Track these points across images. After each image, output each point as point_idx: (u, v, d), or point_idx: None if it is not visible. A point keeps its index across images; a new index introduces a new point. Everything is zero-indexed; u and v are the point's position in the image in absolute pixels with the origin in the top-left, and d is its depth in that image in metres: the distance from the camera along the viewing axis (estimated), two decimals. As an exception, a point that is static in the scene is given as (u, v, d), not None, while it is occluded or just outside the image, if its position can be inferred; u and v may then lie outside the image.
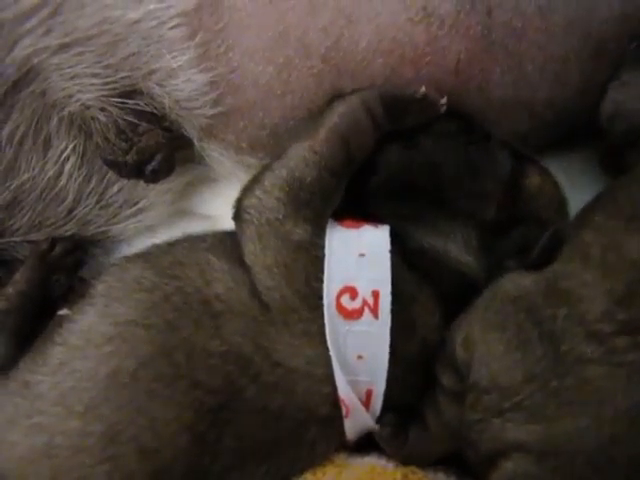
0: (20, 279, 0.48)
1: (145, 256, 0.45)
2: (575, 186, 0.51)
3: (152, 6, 0.42)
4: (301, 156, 0.43)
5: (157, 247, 0.46)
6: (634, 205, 0.43)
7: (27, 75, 0.45)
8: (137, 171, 0.47)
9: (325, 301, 0.41)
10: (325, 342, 0.41)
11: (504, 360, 0.40)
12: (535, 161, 0.50)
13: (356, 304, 0.41)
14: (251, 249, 0.43)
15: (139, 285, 0.43)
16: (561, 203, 0.49)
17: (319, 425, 0.42)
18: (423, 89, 0.44)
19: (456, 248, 0.46)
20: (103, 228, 0.52)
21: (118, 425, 0.39)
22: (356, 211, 0.46)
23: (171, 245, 0.46)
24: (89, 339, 0.41)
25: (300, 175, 0.43)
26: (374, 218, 0.46)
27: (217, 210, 0.54)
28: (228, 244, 0.45)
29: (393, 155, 0.46)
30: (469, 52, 0.44)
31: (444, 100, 0.44)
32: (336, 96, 0.45)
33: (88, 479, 0.39)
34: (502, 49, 0.44)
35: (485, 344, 0.40)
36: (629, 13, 0.46)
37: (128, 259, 0.46)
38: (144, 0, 0.42)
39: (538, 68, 0.46)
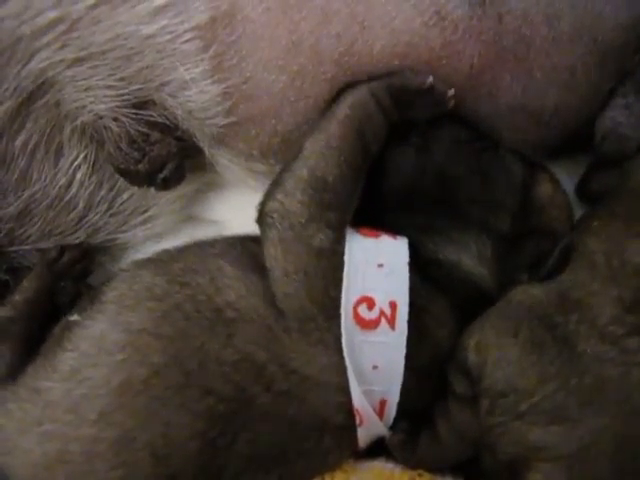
0: (28, 286, 0.49)
1: (155, 262, 0.47)
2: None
3: (166, 21, 0.44)
4: (319, 153, 0.44)
5: (167, 253, 0.48)
6: (630, 211, 0.47)
7: (42, 87, 0.46)
8: (149, 180, 0.49)
9: (343, 311, 0.42)
10: (340, 351, 0.42)
11: (519, 363, 0.42)
12: (545, 169, 0.52)
13: (373, 314, 0.43)
14: (272, 253, 0.44)
15: (150, 293, 0.44)
16: (570, 212, 0.51)
17: (332, 434, 0.44)
18: (430, 79, 0.45)
19: (470, 260, 0.47)
20: (112, 235, 0.54)
21: (131, 432, 0.41)
22: (371, 221, 0.48)
23: (181, 251, 0.47)
24: (101, 346, 0.43)
25: (322, 174, 0.43)
26: (388, 229, 0.47)
27: (224, 216, 0.57)
28: (239, 249, 0.46)
29: (406, 162, 0.48)
30: (482, 57, 0.46)
31: (452, 92, 0.46)
32: (344, 88, 0.46)
33: None
34: (512, 56, 0.46)
35: (499, 348, 0.43)
36: (635, 22, 0.47)
37: (138, 265, 0.47)
38: (158, 15, 0.44)
39: (546, 75, 0.47)
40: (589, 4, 0.46)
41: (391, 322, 0.43)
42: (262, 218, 0.45)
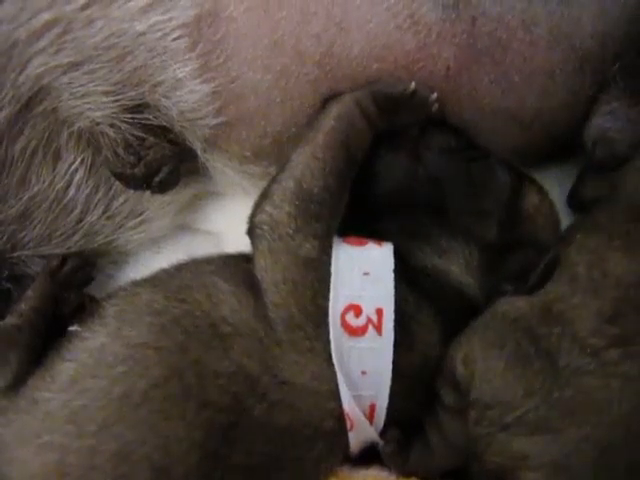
0: (32, 295, 0.50)
1: (154, 280, 0.48)
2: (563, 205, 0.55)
3: (156, 18, 0.46)
4: (305, 164, 0.46)
5: (165, 271, 0.49)
6: (614, 223, 0.48)
7: (39, 94, 0.48)
8: (145, 183, 0.51)
9: (331, 319, 0.44)
10: (330, 358, 0.44)
11: (504, 376, 0.43)
12: (533, 180, 0.53)
13: (360, 321, 0.44)
14: (262, 264, 0.45)
15: (150, 309, 0.45)
16: (556, 223, 0.53)
17: (324, 439, 0.45)
18: (413, 85, 0.47)
19: (457, 269, 0.49)
20: (109, 238, 0.56)
21: (131, 444, 0.42)
22: (361, 228, 0.49)
23: (178, 269, 0.49)
24: (101, 359, 0.44)
25: (308, 186, 0.45)
26: (378, 236, 0.49)
27: (220, 226, 0.59)
28: (233, 267, 0.47)
29: (394, 168, 0.49)
30: (457, 60, 0.47)
31: (434, 96, 0.47)
32: (330, 98, 0.48)
33: None
34: (489, 59, 0.48)
35: (485, 361, 0.44)
36: (612, 31, 0.49)
37: (137, 284, 0.49)
38: (148, 12, 0.46)
39: (524, 79, 0.49)
40: (566, 11, 0.47)
41: (378, 328, 0.44)
42: (252, 230, 0.46)
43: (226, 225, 0.58)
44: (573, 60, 0.49)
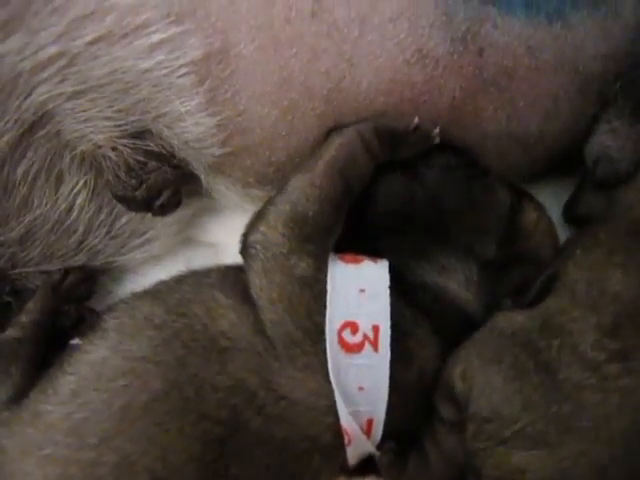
0: (33, 308, 0.51)
1: (154, 293, 0.49)
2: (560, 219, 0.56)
3: (162, 57, 0.46)
4: (302, 190, 0.47)
5: (165, 284, 0.50)
6: (613, 239, 0.48)
7: (42, 118, 0.49)
8: (146, 206, 0.52)
9: (327, 336, 0.44)
10: (327, 375, 0.44)
11: (503, 390, 0.44)
12: (531, 197, 0.54)
13: (357, 338, 0.45)
14: (257, 283, 0.46)
15: (149, 322, 0.46)
16: (554, 239, 0.53)
17: (322, 454, 0.46)
18: (416, 120, 0.47)
19: (456, 285, 0.50)
20: (112, 258, 0.56)
21: (131, 456, 0.43)
22: (359, 245, 0.50)
23: (178, 282, 0.50)
24: (102, 372, 0.45)
25: (303, 210, 0.46)
26: (376, 253, 0.50)
27: (221, 238, 0.59)
28: (231, 279, 0.48)
29: (395, 186, 0.50)
30: (463, 90, 0.48)
31: (437, 130, 0.48)
32: (333, 129, 0.49)
33: None
34: (494, 87, 0.48)
35: (484, 376, 0.45)
36: (614, 51, 0.49)
37: (137, 296, 0.50)
38: (154, 51, 0.46)
39: (529, 104, 0.49)
40: (570, 34, 0.48)
41: (374, 345, 0.45)
42: (245, 249, 0.47)
43: (225, 236, 0.58)
44: (576, 82, 0.50)
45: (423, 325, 0.48)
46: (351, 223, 0.49)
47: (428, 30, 0.46)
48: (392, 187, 0.50)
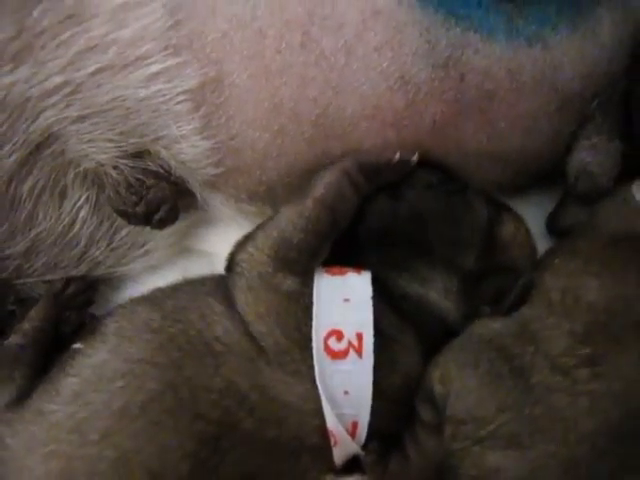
0: (35, 315, 0.53)
1: (151, 300, 0.51)
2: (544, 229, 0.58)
3: (160, 86, 0.49)
4: (291, 219, 0.49)
5: (162, 291, 0.52)
6: (591, 250, 0.50)
7: (48, 139, 0.52)
8: (145, 220, 0.55)
9: (314, 344, 0.47)
10: (314, 380, 0.47)
11: (478, 393, 0.46)
12: (509, 209, 0.57)
13: (342, 346, 0.48)
14: (243, 299, 0.49)
15: (147, 327, 0.49)
16: (532, 250, 0.56)
17: (310, 454, 0.48)
18: (397, 155, 0.50)
19: (436, 295, 0.52)
20: (113, 269, 0.59)
21: (129, 452, 0.45)
22: (345, 258, 0.53)
23: (174, 290, 0.52)
24: (102, 374, 0.47)
25: (289, 236, 0.49)
26: (360, 265, 0.52)
27: (215, 249, 0.62)
28: (225, 287, 0.51)
29: (381, 206, 0.53)
30: (444, 114, 0.50)
31: (415, 157, 0.51)
32: (322, 168, 0.51)
33: None
34: (475, 109, 0.50)
35: (460, 380, 0.46)
36: (591, 71, 0.51)
37: (136, 302, 0.52)
38: (153, 80, 0.49)
39: (509, 123, 0.51)
40: (549, 56, 0.50)
41: (359, 351, 0.48)
42: (231, 266, 0.51)
43: (220, 247, 0.59)
44: (555, 102, 0.51)
45: (407, 333, 0.51)
46: (338, 240, 0.52)
47: (411, 58, 0.48)
48: (378, 207, 0.53)
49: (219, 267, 0.56)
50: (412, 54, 0.48)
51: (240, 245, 0.51)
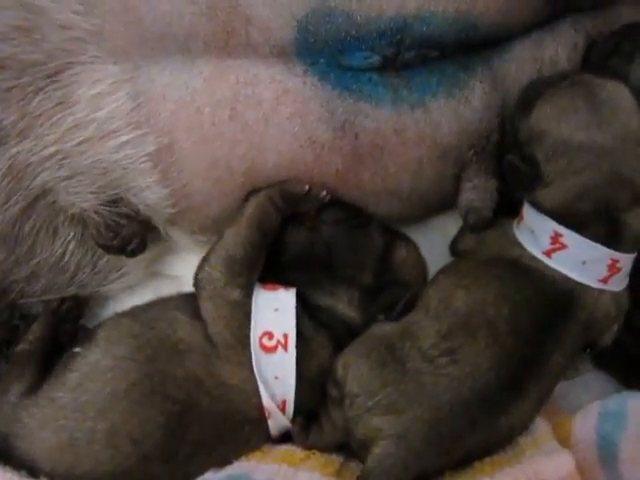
0: (37, 328, 0.62)
1: (132, 313, 0.61)
2: (435, 251, 0.66)
3: (128, 151, 0.57)
4: (231, 238, 0.59)
5: (139, 307, 0.62)
6: (467, 268, 0.59)
7: (44, 192, 0.60)
8: (120, 251, 0.63)
9: (252, 342, 0.57)
10: (252, 368, 0.56)
11: (368, 374, 0.55)
12: (404, 237, 0.66)
13: (272, 343, 0.57)
14: (205, 307, 0.59)
15: (129, 333, 0.58)
16: (422, 268, 0.65)
17: (250, 424, 0.58)
18: (307, 187, 0.59)
19: (343, 306, 0.62)
20: (97, 288, 0.68)
21: (118, 425, 0.55)
22: (276, 278, 0.62)
23: (149, 305, 0.62)
24: (96, 369, 0.57)
25: (233, 253, 0.59)
26: (289, 283, 0.61)
27: (180, 272, 0.71)
28: (190, 302, 0.60)
29: (301, 238, 0.63)
30: (344, 164, 0.58)
31: (324, 193, 0.60)
32: (251, 192, 0.60)
33: (98, 460, 0.55)
34: (369, 159, 0.57)
35: (356, 365, 0.56)
36: (466, 129, 0.58)
37: (120, 315, 0.62)
38: (122, 147, 0.57)
39: (399, 169, 0.58)
40: (428, 118, 0.55)
41: (285, 347, 0.57)
42: (196, 283, 0.60)
43: (184, 270, 0.69)
44: (437, 151, 0.57)
45: (321, 334, 0.60)
46: (269, 263, 0.61)
47: (316, 124, 0.56)
48: (297, 238, 0.63)
49: (183, 287, 0.66)
50: (316, 120, 0.56)
51: (200, 266, 0.60)
